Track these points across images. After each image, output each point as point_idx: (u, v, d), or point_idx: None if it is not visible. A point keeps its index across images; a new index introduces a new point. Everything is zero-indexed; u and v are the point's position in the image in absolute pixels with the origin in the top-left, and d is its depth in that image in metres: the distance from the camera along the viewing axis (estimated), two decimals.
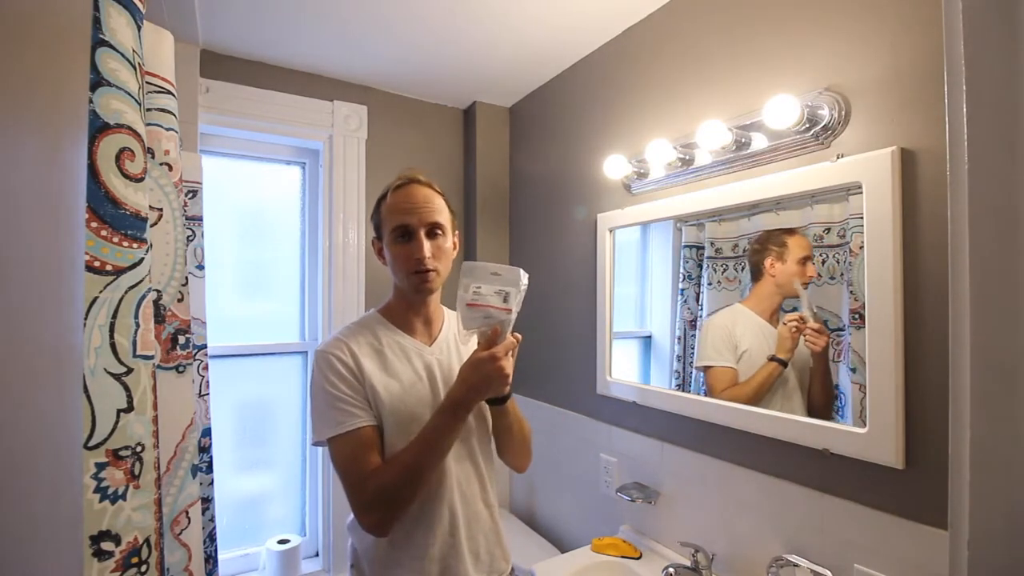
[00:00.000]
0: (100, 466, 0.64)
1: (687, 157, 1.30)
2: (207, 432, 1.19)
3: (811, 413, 1.07)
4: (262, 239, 1.96)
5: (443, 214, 0.94)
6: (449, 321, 1.03)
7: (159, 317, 0.98)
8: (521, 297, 0.87)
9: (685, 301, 1.39)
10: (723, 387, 1.25)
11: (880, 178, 0.91)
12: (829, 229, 1.04)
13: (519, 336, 0.89)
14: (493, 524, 0.98)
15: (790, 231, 1.12)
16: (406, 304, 0.97)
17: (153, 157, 0.98)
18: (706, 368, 1.30)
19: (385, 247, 0.95)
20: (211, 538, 1.18)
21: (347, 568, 0.96)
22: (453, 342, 1.00)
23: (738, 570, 1.19)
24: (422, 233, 0.91)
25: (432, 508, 0.89)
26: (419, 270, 0.91)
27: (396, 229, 0.91)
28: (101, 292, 0.66)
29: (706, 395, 1.28)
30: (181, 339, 1.02)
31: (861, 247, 0.95)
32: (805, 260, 1.10)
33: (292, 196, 2.02)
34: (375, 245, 1.00)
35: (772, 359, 1.15)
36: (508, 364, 0.85)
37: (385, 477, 0.82)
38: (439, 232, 0.93)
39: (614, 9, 1.46)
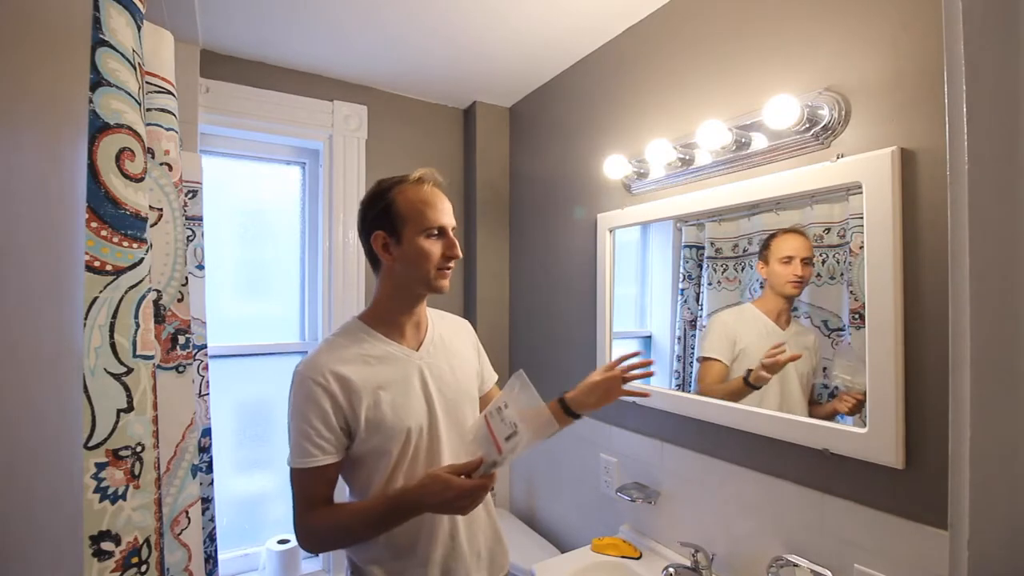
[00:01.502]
0: (100, 466, 0.64)
1: (687, 157, 1.30)
2: (207, 432, 1.19)
3: (812, 414, 1.07)
4: (262, 239, 1.96)
5: None
6: (433, 323, 1.03)
7: (159, 317, 0.98)
8: (526, 447, 0.77)
9: (685, 301, 1.39)
10: (709, 381, 1.28)
11: (880, 178, 0.91)
12: (829, 229, 1.04)
13: (492, 486, 0.81)
14: (491, 522, 0.99)
15: (784, 231, 1.12)
16: (401, 306, 0.96)
17: (153, 157, 0.98)
18: (700, 360, 1.32)
19: (407, 241, 0.90)
20: (211, 538, 1.18)
21: (346, 570, 0.96)
22: (439, 343, 1.00)
23: (738, 570, 1.19)
24: (451, 232, 0.94)
25: (434, 516, 0.89)
26: (446, 266, 0.93)
27: (434, 228, 0.91)
28: (101, 292, 0.66)
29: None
30: (181, 339, 1.02)
31: (861, 247, 0.95)
32: (789, 259, 1.11)
33: (292, 196, 2.02)
34: (379, 239, 0.92)
35: (745, 380, 1.18)
36: (470, 503, 0.78)
37: (320, 524, 0.86)
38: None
39: (614, 9, 1.46)
